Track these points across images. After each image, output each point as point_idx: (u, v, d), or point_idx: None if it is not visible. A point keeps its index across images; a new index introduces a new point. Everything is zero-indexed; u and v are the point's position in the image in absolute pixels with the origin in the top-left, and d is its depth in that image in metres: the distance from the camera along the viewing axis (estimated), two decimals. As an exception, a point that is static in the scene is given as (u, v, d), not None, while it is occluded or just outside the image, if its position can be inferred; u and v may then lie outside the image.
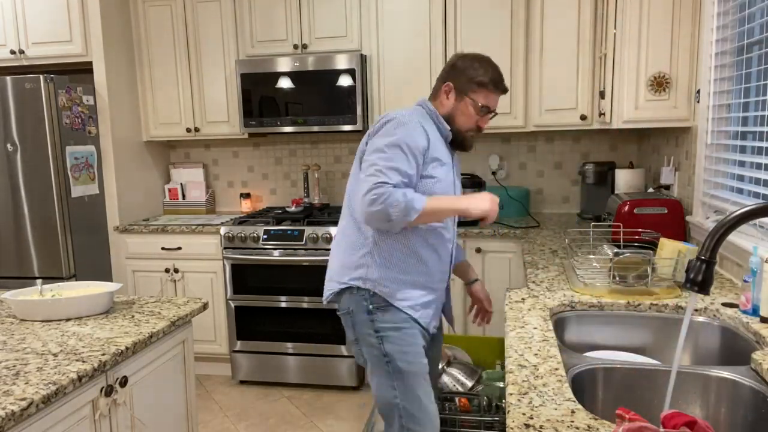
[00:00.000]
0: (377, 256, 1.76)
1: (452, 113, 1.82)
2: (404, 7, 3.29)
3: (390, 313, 1.77)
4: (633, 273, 1.86)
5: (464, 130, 1.84)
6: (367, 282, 1.77)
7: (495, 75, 1.82)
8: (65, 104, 3.26)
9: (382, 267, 1.76)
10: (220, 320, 3.49)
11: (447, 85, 1.82)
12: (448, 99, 1.83)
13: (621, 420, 0.93)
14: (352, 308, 1.80)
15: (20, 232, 3.29)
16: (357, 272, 1.78)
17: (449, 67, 1.85)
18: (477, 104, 1.80)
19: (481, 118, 1.84)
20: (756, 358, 1.29)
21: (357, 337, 1.82)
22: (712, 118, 2.35)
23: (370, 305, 1.77)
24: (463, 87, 1.80)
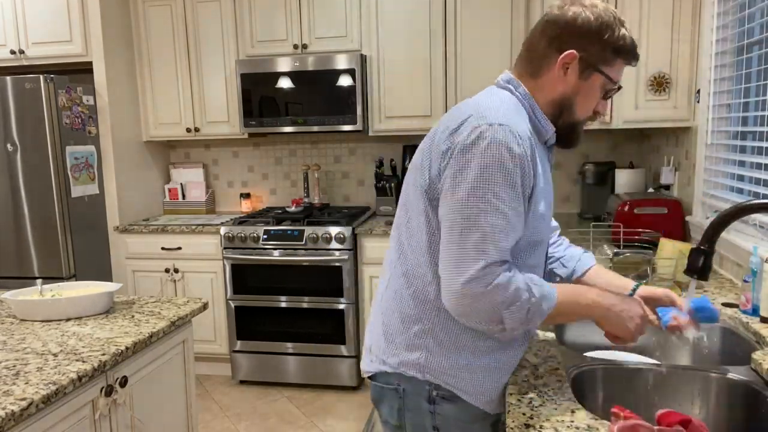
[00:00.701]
0: (441, 334, 1.19)
1: (571, 97, 1.19)
2: (404, 7, 3.29)
3: (459, 405, 1.22)
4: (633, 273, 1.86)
5: (582, 119, 1.24)
6: (427, 373, 1.21)
7: (632, 37, 1.21)
8: (65, 104, 3.26)
9: (449, 351, 1.20)
10: (220, 320, 3.49)
11: (569, 54, 1.15)
12: (568, 75, 1.17)
13: (616, 418, 0.93)
14: (404, 387, 1.25)
15: (20, 232, 3.29)
16: (411, 356, 1.21)
17: (564, 23, 1.16)
18: (611, 80, 1.19)
19: (603, 101, 1.23)
20: (756, 358, 1.29)
21: (401, 423, 1.28)
22: (712, 118, 2.35)
23: (434, 391, 1.22)
24: (593, 57, 1.16)
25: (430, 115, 3.34)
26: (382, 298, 1.30)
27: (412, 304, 1.20)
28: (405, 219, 1.23)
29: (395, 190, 3.63)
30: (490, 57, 3.21)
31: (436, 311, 1.18)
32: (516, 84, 1.21)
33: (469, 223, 1.06)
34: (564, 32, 1.15)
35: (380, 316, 1.29)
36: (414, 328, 1.20)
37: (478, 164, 1.06)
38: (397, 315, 1.23)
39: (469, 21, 3.23)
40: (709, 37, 2.38)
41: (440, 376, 1.20)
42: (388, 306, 1.26)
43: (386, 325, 1.26)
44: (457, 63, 3.27)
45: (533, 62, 1.20)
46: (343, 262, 3.22)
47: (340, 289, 3.25)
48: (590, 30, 1.14)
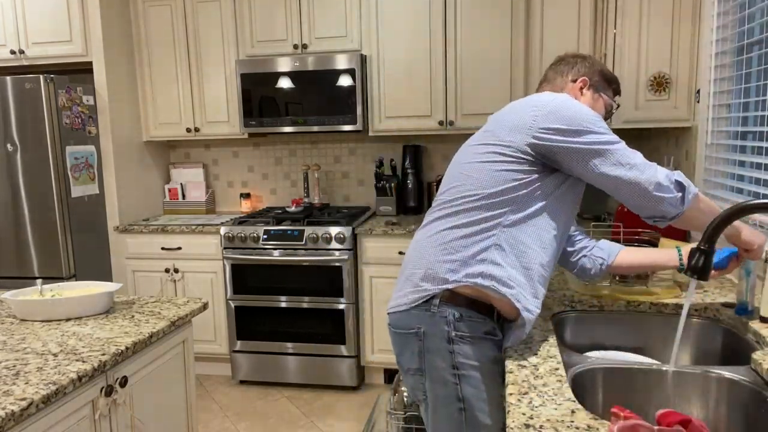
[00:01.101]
0: (505, 245, 1.36)
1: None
2: (404, 7, 3.29)
3: (477, 346, 1.36)
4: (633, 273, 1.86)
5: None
6: (496, 281, 1.34)
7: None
8: (65, 104, 3.27)
9: (511, 262, 1.36)
10: (220, 320, 3.49)
11: (584, 79, 1.57)
12: (583, 95, 1.57)
13: (616, 418, 0.93)
14: (424, 329, 1.38)
15: (20, 232, 3.29)
16: (482, 267, 1.35)
17: (580, 59, 1.61)
18: (610, 103, 1.61)
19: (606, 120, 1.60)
20: (756, 358, 1.29)
21: (421, 365, 1.40)
22: (712, 118, 2.35)
23: (453, 332, 1.35)
24: (597, 83, 1.58)
25: (430, 115, 3.34)
26: (437, 232, 1.42)
27: (476, 227, 1.36)
28: (460, 170, 1.45)
29: (395, 190, 3.63)
30: (490, 57, 3.21)
31: (500, 230, 1.35)
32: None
33: (615, 154, 1.34)
34: (579, 63, 1.61)
35: (436, 244, 1.41)
36: (481, 244, 1.35)
37: (571, 116, 1.34)
38: (463, 236, 1.37)
39: (469, 21, 3.23)
40: (709, 37, 2.38)
41: (508, 284, 1.33)
42: (450, 233, 1.40)
43: (448, 249, 1.38)
44: (457, 63, 3.27)
45: (555, 86, 1.61)
46: (343, 262, 3.22)
47: (340, 289, 3.25)
48: (592, 63, 1.61)
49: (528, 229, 1.37)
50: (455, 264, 1.37)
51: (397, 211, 3.67)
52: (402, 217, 3.59)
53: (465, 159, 1.48)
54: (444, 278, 1.38)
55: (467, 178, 1.42)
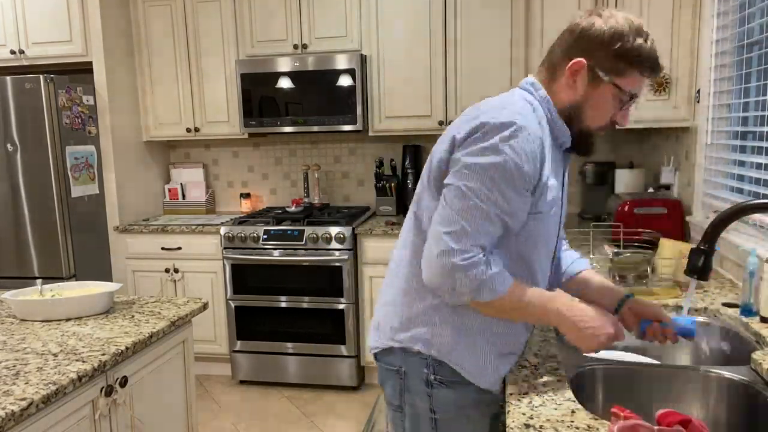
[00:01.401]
0: (446, 310, 1.24)
1: (580, 104, 1.21)
2: (404, 8, 3.29)
3: (457, 391, 1.26)
4: (633, 273, 1.86)
5: (594, 128, 1.24)
6: (432, 348, 1.25)
7: (653, 48, 1.18)
8: (65, 104, 3.26)
9: (453, 327, 1.24)
10: (220, 320, 3.49)
11: (577, 62, 1.18)
12: (576, 83, 1.20)
13: (616, 418, 0.93)
14: (405, 369, 1.30)
15: (20, 232, 3.29)
16: (418, 330, 1.26)
17: (579, 32, 1.19)
18: (623, 91, 1.18)
19: (621, 111, 1.22)
20: (756, 358, 1.29)
21: (401, 404, 1.33)
22: (712, 117, 2.35)
23: (431, 375, 1.26)
24: (603, 65, 1.17)
25: (430, 115, 3.34)
26: (393, 277, 1.34)
27: (420, 282, 1.23)
28: (416, 204, 1.29)
29: (395, 190, 3.63)
30: (490, 57, 3.21)
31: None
32: (537, 87, 1.24)
33: (462, 206, 1.13)
34: (577, 40, 1.19)
35: (390, 294, 1.34)
36: (422, 303, 1.25)
37: (483, 156, 1.12)
38: (405, 293, 1.28)
39: (469, 21, 3.23)
40: (709, 37, 2.38)
41: (444, 352, 1.24)
42: (398, 284, 1.31)
43: (395, 303, 1.31)
44: (457, 63, 3.27)
45: (550, 68, 1.24)
46: (343, 262, 3.22)
47: (340, 289, 3.25)
48: (602, 39, 1.16)
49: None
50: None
51: (397, 211, 3.67)
52: (402, 217, 3.59)
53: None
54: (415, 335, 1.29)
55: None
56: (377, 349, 1.36)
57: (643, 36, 1.16)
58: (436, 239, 1.15)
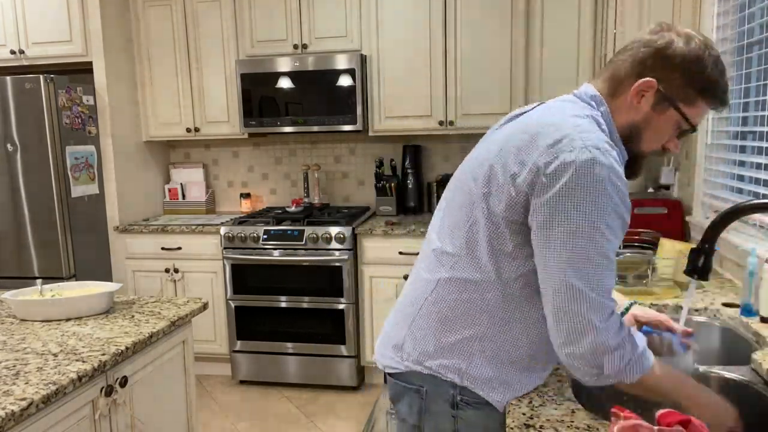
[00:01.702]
0: (489, 344, 1.15)
1: (639, 126, 1.13)
2: (404, 7, 3.29)
3: (483, 412, 1.19)
4: (633, 273, 1.86)
5: (647, 153, 1.17)
6: (466, 379, 1.17)
7: (726, 81, 1.11)
8: (65, 104, 3.26)
9: (493, 362, 1.16)
10: (220, 320, 3.49)
11: (646, 82, 1.09)
12: (641, 104, 1.11)
13: (616, 418, 0.93)
14: (428, 389, 1.22)
15: (20, 232, 3.29)
16: (452, 360, 1.17)
17: (654, 50, 1.09)
18: (687, 121, 1.11)
19: (675, 139, 1.16)
20: (756, 358, 1.29)
21: (420, 424, 1.25)
22: (711, 117, 2.35)
23: (458, 396, 1.19)
24: (672, 91, 1.09)
25: (430, 115, 3.34)
26: (426, 299, 1.22)
27: (464, 310, 1.16)
28: (463, 221, 1.16)
29: (395, 190, 3.63)
30: (490, 57, 3.21)
31: (489, 319, 1.14)
32: (599, 101, 1.14)
33: (579, 257, 1.00)
34: (650, 58, 1.09)
35: (422, 316, 1.22)
36: (464, 332, 1.16)
37: (586, 189, 0.99)
38: (445, 318, 1.18)
39: (469, 21, 3.23)
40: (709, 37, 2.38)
41: (477, 384, 1.16)
42: (435, 309, 1.20)
43: (429, 327, 1.21)
44: (457, 63, 3.27)
45: (614, 81, 1.14)
46: (343, 262, 3.22)
47: (340, 289, 3.25)
48: (678, 62, 1.07)
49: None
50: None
51: (397, 211, 3.67)
52: (402, 217, 3.59)
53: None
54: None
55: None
56: (396, 371, 1.26)
57: (720, 66, 1.09)
58: (575, 313, 1.00)
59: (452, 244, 1.18)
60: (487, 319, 1.14)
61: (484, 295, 1.14)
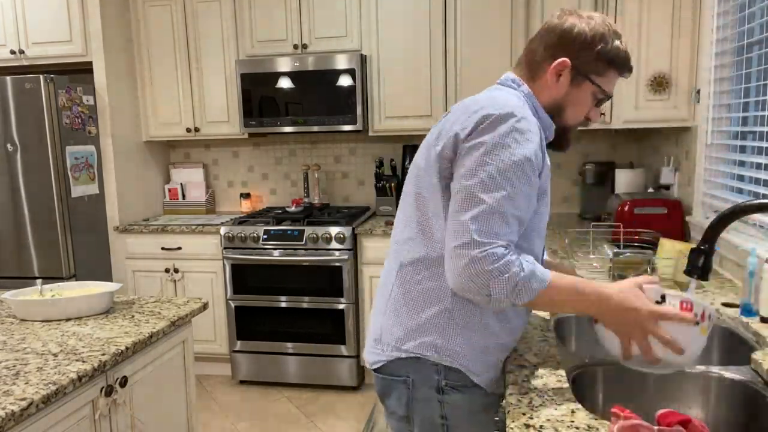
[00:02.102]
0: (458, 315, 1.22)
1: (562, 102, 1.25)
2: (404, 7, 3.29)
3: (467, 395, 1.25)
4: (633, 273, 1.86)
5: (573, 125, 1.29)
6: (443, 353, 1.23)
7: (627, 49, 1.25)
8: (65, 104, 3.26)
9: (464, 330, 1.22)
10: (220, 320, 3.49)
11: (561, 63, 1.22)
12: (559, 82, 1.23)
13: (616, 418, 0.93)
14: (413, 378, 1.26)
15: (20, 232, 3.29)
16: (427, 337, 1.23)
17: (560, 33, 1.22)
18: (603, 90, 1.25)
19: (595, 108, 1.29)
20: (756, 358, 1.29)
21: (409, 414, 1.29)
22: (712, 118, 2.35)
23: (443, 381, 1.24)
24: (584, 66, 1.22)
25: (430, 115, 3.34)
26: (392, 286, 1.30)
27: (429, 288, 1.23)
28: (414, 209, 1.26)
29: (395, 190, 3.63)
30: (490, 57, 3.21)
31: (452, 292, 1.20)
32: (519, 83, 1.27)
33: (481, 198, 1.10)
34: (560, 41, 1.22)
35: (392, 304, 1.29)
36: (431, 310, 1.23)
37: (495, 147, 1.11)
38: (413, 300, 1.25)
39: (469, 21, 3.23)
40: (709, 37, 2.38)
41: (456, 357, 1.22)
42: (402, 292, 1.27)
43: (398, 311, 1.27)
44: (457, 62, 3.27)
45: (531, 67, 1.27)
46: (343, 262, 3.23)
47: (340, 289, 3.25)
48: (584, 41, 1.21)
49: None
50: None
51: (397, 211, 3.66)
52: (402, 217, 3.58)
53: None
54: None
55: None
56: (380, 363, 1.30)
57: (620, 38, 1.23)
58: (461, 245, 1.09)
59: (408, 229, 1.28)
60: (450, 291, 1.21)
61: (443, 269, 1.19)
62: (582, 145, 3.63)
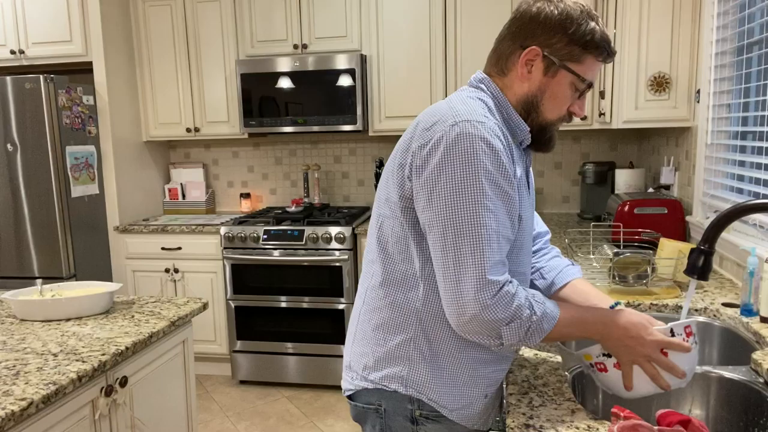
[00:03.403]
0: (423, 344, 1.13)
1: (536, 95, 1.13)
2: (404, 7, 3.29)
3: (446, 426, 1.16)
4: (633, 273, 1.86)
5: (554, 120, 1.16)
6: (410, 387, 1.14)
7: (605, 31, 1.11)
8: (65, 104, 3.26)
9: (431, 362, 1.13)
10: (220, 320, 3.49)
11: (531, 51, 1.09)
12: (532, 73, 1.11)
13: (616, 418, 0.93)
14: (386, 407, 1.18)
15: (20, 232, 3.29)
16: (393, 369, 1.15)
17: (528, 19, 1.10)
18: (581, 78, 1.11)
19: (578, 100, 1.15)
20: (756, 358, 1.29)
21: None
22: (712, 118, 2.35)
23: (417, 411, 1.16)
24: (558, 52, 1.09)
25: (430, 115, 3.33)
26: (360, 312, 1.23)
27: (392, 315, 1.14)
28: (376, 227, 1.18)
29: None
30: None
31: (417, 320, 1.12)
32: (487, 83, 1.15)
33: (459, 230, 1.01)
34: (527, 28, 1.10)
35: (359, 330, 1.22)
36: (395, 339, 1.14)
37: (456, 162, 1.01)
38: (376, 327, 1.17)
39: (469, 21, 3.23)
40: (709, 37, 2.38)
41: (423, 389, 1.13)
42: (367, 319, 1.20)
43: (365, 339, 1.19)
44: (457, 63, 3.27)
45: (500, 60, 1.15)
46: (343, 262, 3.22)
47: (340, 289, 3.25)
48: (554, 24, 1.08)
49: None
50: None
51: (397, 211, 3.66)
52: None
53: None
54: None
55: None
56: (350, 392, 1.23)
57: (595, 19, 1.09)
58: (458, 290, 1.01)
59: (371, 251, 1.20)
60: (415, 319, 1.13)
61: (406, 294, 1.13)
62: (582, 145, 3.63)
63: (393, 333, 1.15)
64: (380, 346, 1.16)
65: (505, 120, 1.13)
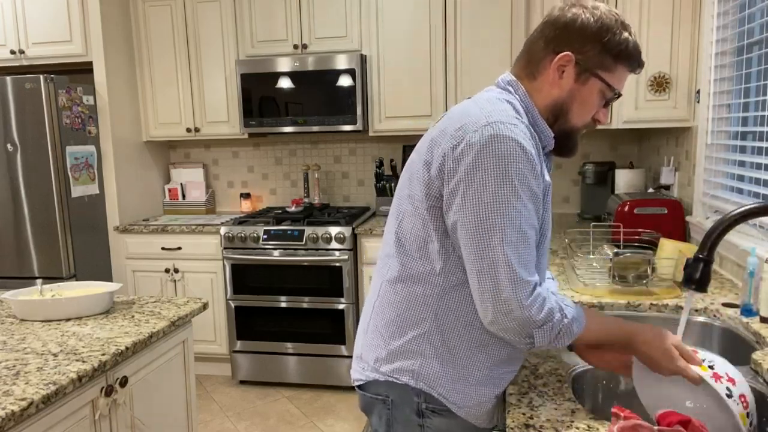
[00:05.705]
0: (437, 340, 1.14)
1: (565, 101, 1.13)
2: (404, 7, 3.29)
3: (452, 421, 1.17)
4: (633, 273, 1.86)
5: (579, 127, 1.17)
6: (420, 380, 1.15)
7: (637, 42, 1.13)
8: (65, 104, 3.26)
9: (444, 358, 1.15)
10: (220, 320, 3.49)
11: (564, 56, 1.10)
12: (563, 79, 1.12)
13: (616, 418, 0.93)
14: (393, 398, 1.20)
15: (20, 232, 3.29)
16: (405, 362, 1.16)
17: (563, 24, 1.11)
18: (611, 87, 1.13)
19: (603, 109, 1.17)
20: (756, 358, 1.29)
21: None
22: (712, 118, 2.35)
23: (423, 404, 1.17)
24: (590, 60, 1.10)
25: (430, 115, 3.34)
26: (374, 305, 1.24)
27: (407, 310, 1.16)
28: (396, 223, 1.19)
29: (395, 190, 3.62)
30: (490, 57, 3.21)
31: (432, 316, 1.13)
32: (516, 86, 1.16)
33: (493, 229, 1.02)
34: (562, 33, 1.11)
35: (372, 322, 1.24)
36: (410, 333, 1.15)
37: (490, 163, 1.02)
38: (391, 321, 1.18)
39: (469, 21, 3.23)
40: (709, 37, 2.38)
41: (433, 384, 1.14)
42: (380, 312, 1.21)
43: (378, 332, 1.21)
44: (457, 63, 3.27)
45: (531, 63, 1.15)
46: (343, 262, 3.22)
47: (340, 289, 3.25)
48: (589, 32, 1.09)
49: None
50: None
51: (397, 211, 3.66)
52: (402, 217, 3.58)
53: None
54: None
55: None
56: (360, 382, 1.26)
57: (628, 29, 1.11)
58: (496, 288, 1.02)
59: (389, 245, 1.21)
60: (431, 315, 1.13)
61: (423, 290, 1.14)
62: (582, 145, 3.62)
63: (407, 328, 1.16)
64: (394, 340, 1.17)
65: (531, 124, 1.13)
